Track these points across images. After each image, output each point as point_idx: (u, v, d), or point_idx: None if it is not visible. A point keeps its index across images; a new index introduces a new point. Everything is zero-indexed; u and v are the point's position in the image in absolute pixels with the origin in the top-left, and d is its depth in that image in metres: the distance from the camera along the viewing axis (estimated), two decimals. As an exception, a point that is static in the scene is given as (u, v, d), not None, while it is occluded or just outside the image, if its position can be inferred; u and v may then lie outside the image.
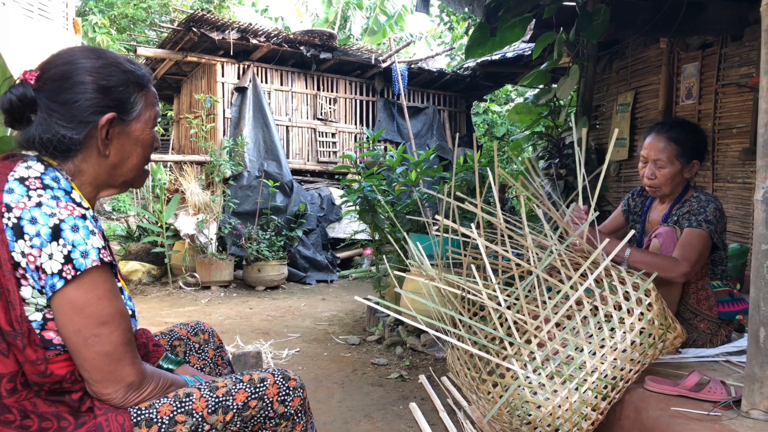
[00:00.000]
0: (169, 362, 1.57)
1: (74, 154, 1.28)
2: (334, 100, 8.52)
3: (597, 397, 1.84)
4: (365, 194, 4.55)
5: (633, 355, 1.86)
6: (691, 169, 2.40)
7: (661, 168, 2.38)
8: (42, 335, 1.19)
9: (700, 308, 2.32)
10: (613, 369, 1.84)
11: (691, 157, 2.39)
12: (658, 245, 2.23)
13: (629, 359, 1.85)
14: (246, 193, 7.26)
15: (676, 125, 2.45)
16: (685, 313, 2.34)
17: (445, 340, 1.89)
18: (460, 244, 2.15)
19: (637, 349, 1.86)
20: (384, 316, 4.43)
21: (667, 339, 1.92)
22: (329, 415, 2.85)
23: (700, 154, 2.42)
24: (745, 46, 4.00)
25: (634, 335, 1.84)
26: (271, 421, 1.39)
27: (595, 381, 1.82)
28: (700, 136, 2.46)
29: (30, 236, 1.15)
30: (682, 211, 2.37)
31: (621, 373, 1.86)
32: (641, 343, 1.86)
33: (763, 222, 1.63)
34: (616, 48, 5.54)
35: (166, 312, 5.41)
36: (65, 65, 1.27)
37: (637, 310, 1.85)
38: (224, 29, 7.10)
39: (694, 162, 2.40)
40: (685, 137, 2.38)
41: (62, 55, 1.29)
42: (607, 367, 1.83)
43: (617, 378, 1.86)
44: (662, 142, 2.38)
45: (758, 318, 1.65)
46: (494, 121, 12.56)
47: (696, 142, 2.41)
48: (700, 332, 2.35)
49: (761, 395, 1.67)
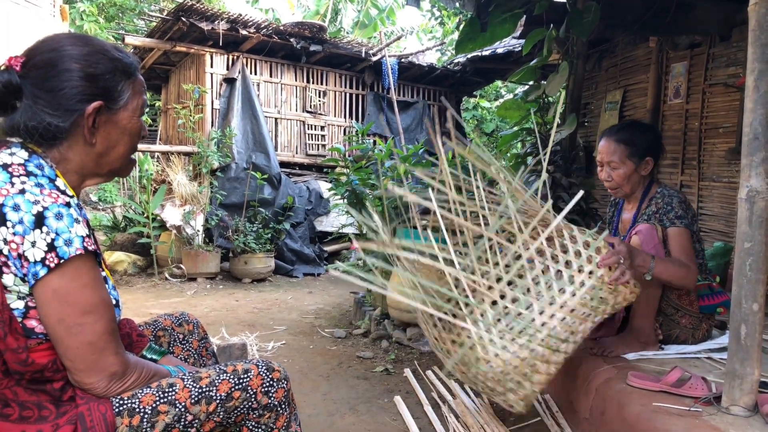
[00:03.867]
0: (153, 353, 1.56)
1: (60, 141, 1.27)
2: (323, 92, 8.49)
3: (547, 352, 1.87)
4: (353, 187, 4.55)
5: (583, 311, 1.89)
6: (645, 166, 2.47)
7: (615, 169, 2.47)
8: (24, 323, 1.18)
9: (681, 303, 2.35)
10: (562, 323, 1.88)
11: (643, 156, 2.45)
12: (639, 242, 2.26)
13: (580, 315, 1.89)
14: (233, 185, 7.23)
15: (624, 127, 2.54)
16: (666, 309, 2.36)
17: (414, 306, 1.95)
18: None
19: (587, 305, 1.89)
20: (370, 310, 4.43)
21: (619, 294, 1.95)
22: (314, 407, 2.85)
23: (653, 152, 2.48)
24: (733, 47, 4.04)
25: (584, 291, 1.88)
26: (255, 412, 1.38)
27: (544, 336, 1.85)
28: (651, 134, 2.53)
29: (13, 223, 1.14)
30: (651, 209, 2.43)
31: (571, 327, 1.90)
32: (591, 299, 1.90)
33: (746, 220, 1.65)
34: (605, 46, 5.57)
35: (152, 303, 5.38)
36: (51, 52, 1.25)
37: (588, 268, 1.88)
38: (214, 19, 7.05)
39: (648, 159, 2.46)
40: (633, 137, 2.46)
41: (48, 41, 1.28)
42: (557, 322, 1.87)
43: (568, 332, 1.90)
44: (612, 144, 2.47)
45: (740, 315, 1.67)
46: (484, 117, 12.58)
47: (646, 140, 2.47)
48: (682, 327, 2.38)
49: (741, 391, 1.69)
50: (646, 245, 2.25)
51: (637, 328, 2.36)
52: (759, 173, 1.62)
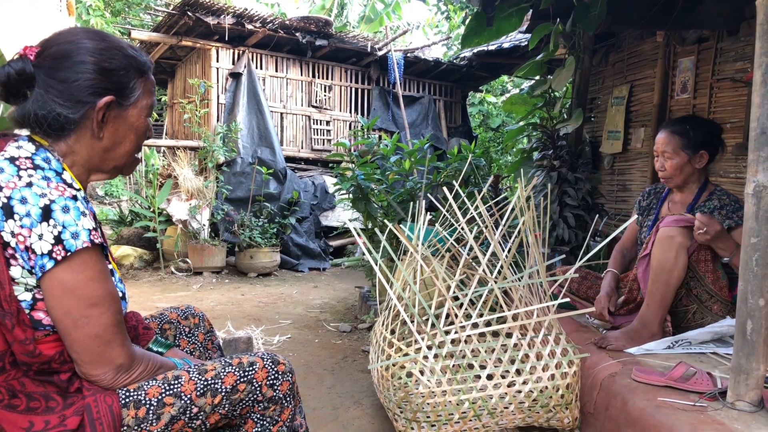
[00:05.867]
0: (159, 345, 1.57)
1: (68, 133, 1.27)
2: (329, 87, 8.48)
3: (469, 413, 1.91)
4: (359, 183, 4.55)
5: (522, 403, 1.92)
6: (700, 159, 2.54)
7: (668, 159, 2.56)
8: (31, 315, 1.19)
9: (715, 289, 2.38)
10: (500, 400, 1.90)
11: (698, 149, 2.52)
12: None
13: (517, 403, 1.91)
14: (239, 180, 7.24)
15: (680, 120, 2.63)
16: (702, 296, 2.40)
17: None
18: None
19: (528, 400, 1.92)
20: (375, 304, 4.44)
21: (560, 415, 1.99)
22: (319, 400, 2.86)
23: (709, 146, 2.55)
24: (740, 41, 4.01)
25: (534, 386, 1.91)
26: (260, 404, 1.39)
27: (477, 398, 1.88)
28: (707, 129, 2.59)
29: (20, 216, 1.14)
30: (713, 204, 2.52)
31: (502, 409, 1.93)
32: (535, 399, 1.92)
33: (753, 215, 1.64)
34: (612, 40, 5.54)
35: (158, 297, 5.41)
36: (67, 44, 1.26)
37: (552, 372, 1.92)
38: (219, 14, 7.05)
39: (702, 153, 2.53)
40: (688, 130, 2.53)
41: (65, 33, 1.29)
42: (496, 395, 1.90)
43: (497, 410, 1.92)
44: (667, 135, 2.56)
45: (746, 310, 1.67)
46: (490, 112, 12.55)
47: (701, 134, 2.54)
48: (713, 314, 2.41)
49: (747, 387, 1.69)
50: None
51: (647, 320, 2.35)
52: (766, 168, 1.61)
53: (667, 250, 2.29)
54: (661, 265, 2.30)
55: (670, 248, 2.28)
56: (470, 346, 1.92)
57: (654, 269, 2.33)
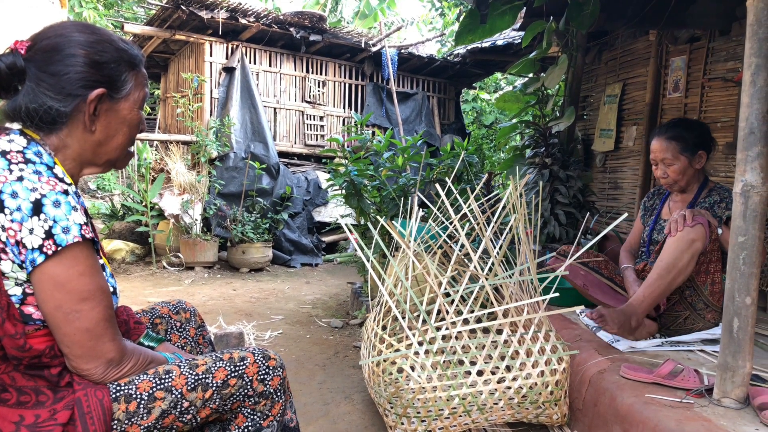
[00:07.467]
0: (150, 340, 1.57)
1: (59, 127, 1.27)
2: (322, 83, 8.47)
3: (459, 408, 1.92)
4: (352, 178, 4.55)
5: (512, 399, 1.94)
6: (699, 160, 2.58)
7: (670, 165, 2.59)
8: (21, 309, 1.19)
9: (712, 300, 2.40)
10: (490, 396, 1.92)
11: (695, 150, 2.56)
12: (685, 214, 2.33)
13: (507, 399, 1.94)
14: (232, 175, 7.23)
15: (672, 125, 2.64)
16: (697, 304, 2.42)
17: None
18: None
19: (518, 396, 1.94)
20: (367, 300, 4.45)
21: (549, 411, 2.01)
22: (310, 396, 2.87)
23: (704, 145, 2.59)
24: (732, 41, 4.03)
25: (524, 382, 1.93)
26: (251, 399, 1.40)
27: (467, 393, 1.90)
28: (699, 129, 2.62)
29: (11, 210, 1.14)
30: (712, 199, 2.55)
31: (492, 405, 1.95)
32: (524, 395, 1.94)
33: (740, 214, 1.66)
34: (605, 39, 5.55)
35: (149, 291, 5.39)
36: (58, 37, 1.26)
37: (542, 368, 1.94)
38: (213, 8, 7.02)
39: (700, 153, 2.58)
40: (682, 133, 2.57)
41: (55, 27, 1.29)
42: (485, 391, 1.91)
43: (486, 406, 1.94)
44: (664, 142, 2.59)
45: (732, 308, 1.69)
46: (483, 109, 12.56)
47: (695, 135, 2.58)
48: (706, 322, 2.43)
49: (733, 384, 1.71)
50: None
51: (637, 310, 2.30)
52: (754, 168, 1.63)
53: (684, 251, 2.26)
54: (674, 263, 2.26)
55: (687, 250, 2.26)
56: (461, 342, 1.94)
57: (665, 265, 2.28)
